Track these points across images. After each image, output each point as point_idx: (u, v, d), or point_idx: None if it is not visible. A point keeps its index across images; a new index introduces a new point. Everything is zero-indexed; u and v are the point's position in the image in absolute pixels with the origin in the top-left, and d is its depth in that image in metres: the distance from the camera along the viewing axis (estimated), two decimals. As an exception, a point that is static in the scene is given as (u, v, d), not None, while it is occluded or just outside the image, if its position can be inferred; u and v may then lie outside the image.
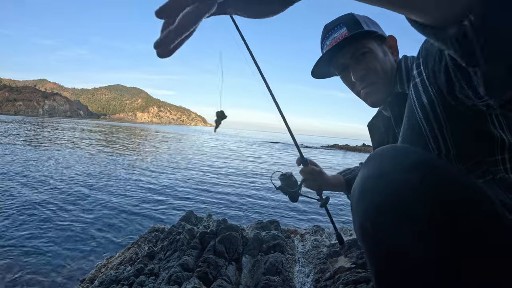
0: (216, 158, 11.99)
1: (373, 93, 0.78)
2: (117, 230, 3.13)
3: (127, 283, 1.60)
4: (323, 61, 0.81)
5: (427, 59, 0.55)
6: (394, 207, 0.40)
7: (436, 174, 0.42)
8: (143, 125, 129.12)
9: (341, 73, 0.84)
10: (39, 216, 3.34)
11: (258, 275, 1.68)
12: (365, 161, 0.51)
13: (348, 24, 0.77)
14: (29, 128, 22.77)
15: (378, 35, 0.77)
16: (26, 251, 2.46)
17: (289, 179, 1.08)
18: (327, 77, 0.90)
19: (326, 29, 0.82)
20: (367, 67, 0.75)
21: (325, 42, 0.81)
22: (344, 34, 0.76)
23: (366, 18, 0.80)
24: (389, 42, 0.80)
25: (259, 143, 29.70)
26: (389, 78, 0.75)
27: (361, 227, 0.44)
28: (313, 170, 1.04)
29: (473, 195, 0.40)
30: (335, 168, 11.77)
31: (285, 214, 4.17)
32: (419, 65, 0.59)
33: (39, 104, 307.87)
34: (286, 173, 1.10)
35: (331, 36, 0.79)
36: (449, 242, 0.37)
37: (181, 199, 4.77)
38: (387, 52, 0.78)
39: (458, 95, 0.45)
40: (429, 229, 0.38)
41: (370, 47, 0.76)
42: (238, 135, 63.77)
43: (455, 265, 0.37)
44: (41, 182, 5.03)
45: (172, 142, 21.07)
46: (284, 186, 1.08)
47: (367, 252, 0.45)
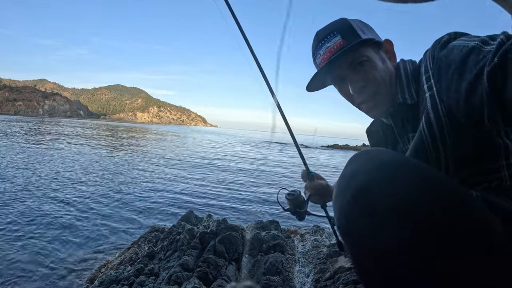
0: (216, 158, 11.99)
1: (375, 107, 0.73)
2: (117, 230, 3.13)
3: (127, 283, 1.60)
4: (318, 75, 0.75)
5: (440, 74, 0.55)
6: (363, 206, 0.44)
7: (401, 173, 0.43)
8: (143, 125, 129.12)
9: (337, 85, 0.78)
10: (39, 216, 3.34)
11: (258, 275, 1.68)
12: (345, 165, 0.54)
13: (342, 31, 0.72)
14: (29, 127, 22.79)
15: (375, 42, 0.73)
16: (26, 251, 2.46)
17: (297, 199, 1.01)
18: (321, 89, 0.84)
19: (318, 37, 0.76)
20: (366, 77, 0.70)
21: (318, 52, 0.75)
22: (339, 43, 0.71)
23: (360, 23, 0.75)
24: (386, 47, 0.75)
25: (257, 143, 29.71)
26: (389, 88, 0.71)
27: (338, 224, 0.48)
28: (320, 185, 0.99)
29: (439, 193, 0.41)
30: (335, 168, 11.78)
31: (285, 214, 4.18)
32: (429, 78, 0.58)
33: (39, 104, 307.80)
34: (294, 193, 1.02)
35: (324, 45, 0.73)
36: (410, 239, 0.39)
37: (181, 199, 4.77)
38: (385, 59, 0.73)
39: (485, 118, 0.46)
40: (391, 225, 0.40)
41: (368, 56, 0.71)
42: (237, 135, 63.78)
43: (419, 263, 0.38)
44: (40, 182, 5.04)
45: (172, 142, 21.09)
46: (292, 206, 1.02)
47: (347, 246, 0.48)
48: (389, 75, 0.72)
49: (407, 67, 0.71)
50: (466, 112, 0.49)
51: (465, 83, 0.48)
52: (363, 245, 0.44)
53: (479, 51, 0.47)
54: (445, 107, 0.54)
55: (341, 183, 0.49)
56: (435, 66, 0.57)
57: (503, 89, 0.41)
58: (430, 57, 0.60)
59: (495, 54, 0.42)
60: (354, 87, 0.72)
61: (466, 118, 0.51)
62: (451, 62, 0.52)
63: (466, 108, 0.49)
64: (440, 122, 0.55)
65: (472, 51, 0.49)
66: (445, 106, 0.54)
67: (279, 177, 7.96)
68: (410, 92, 0.67)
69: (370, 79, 0.70)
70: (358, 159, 0.51)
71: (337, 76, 0.75)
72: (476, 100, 0.46)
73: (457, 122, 0.53)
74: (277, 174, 8.59)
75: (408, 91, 0.67)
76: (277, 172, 8.93)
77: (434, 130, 0.56)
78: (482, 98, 0.45)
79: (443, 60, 0.55)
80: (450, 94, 0.52)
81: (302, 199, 1.01)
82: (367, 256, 0.44)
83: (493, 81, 0.42)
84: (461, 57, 0.50)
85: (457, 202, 0.41)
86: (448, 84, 0.52)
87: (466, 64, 0.49)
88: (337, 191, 0.50)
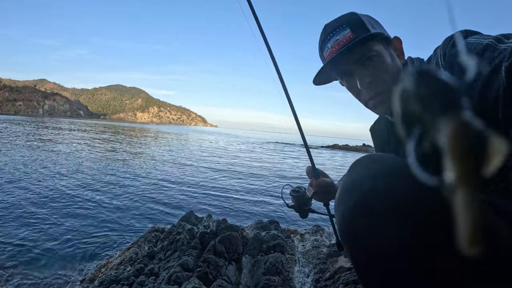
0: (216, 158, 11.99)
1: (382, 103, 0.72)
2: (117, 230, 3.13)
3: (127, 283, 1.60)
4: (326, 68, 0.74)
5: (453, 70, 0.54)
6: (363, 214, 0.44)
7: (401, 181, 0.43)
8: (143, 125, 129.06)
9: (344, 79, 0.77)
10: (39, 216, 3.34)
11: (258, 275, 1.68)
12: (348, 169, 0.54)
13: (352, 24, 0.70)
14: (27, 130, 22.80)
15: (384, 37, 0.72)
16: (26, 251, 2.45)
17: (302, 196, 0.99)
18: (327, 83, 0.83)
19: (326, 30, 0.74)
20: (375, 73, 0.69)
21: (326, 45, 0.74)
22: (348, 36, 0.70)
23: (369, 18, 0.74)
24: (395, 44, 0.74)
25: (258, 143, 29.71)
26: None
27: (340, 231, 0.49)
28: (326, 183, 0.97)
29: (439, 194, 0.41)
30: (335, 168, 11.78)
31: (285, 214, 4.17)
32: None
33: (39, 104, 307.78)
34: (298, 190, 1.01)
35: (332, 38, 0.72)
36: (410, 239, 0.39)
37: (181, 199, 4.77)
38: (394, 56, 0.72)
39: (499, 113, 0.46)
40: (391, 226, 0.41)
41: (377, 50, 0.69)
42: (237, 135, 63.81)
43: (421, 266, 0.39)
44: (40, 182, 5.04)
45: (172, 142, 21.09)
46: (296, 203, 1.00)
47: (347, 252, 0.49)
48: (397, 72, 0.70)
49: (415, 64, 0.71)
50: (480, 109, 0.49)
51: (480, 79, 0.48)
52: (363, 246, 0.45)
53: (494, 48, 0.48)
54: None
55: (341, 192, 0.49)
56: (446, 63, 0.57)
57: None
58: (441, 54, 0.59)
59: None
60: (362, 82, 0.70)
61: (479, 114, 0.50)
62: None
63: (480, 105, 0.49)
64: None
65: (487, 48, 0.49)
66: None
67: (279, 177, 7.96)
68: None
69: (379, 75, 0.69)
70: (358, 167, 0.51)
71: (345, 71, 0.74)
72: (490, 96, 0.46)
73: None
74: (278, 174, 8.59)
75: None
76: (278, 172, 8.93)
77: None
78: (497, 94, 0.45)
79: (455, 56, 0.55)
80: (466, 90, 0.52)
81: (306, 196, 1.00)
82: (367, 256, 0.44)
83: (511, 76, 0.42)
84: (475, 54, 0.50)
85: None
86: None
87: (480, 61, 0.49)
88: (337, 199, 0.50)
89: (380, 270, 0.43)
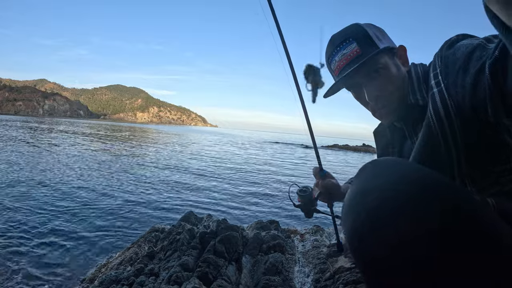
0: (216, 158, 11.99)
1: (389, 114, 0.74)
2: (117, 230, 3.13)
3: (127, 283, 1.60)
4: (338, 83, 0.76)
5: (447, 71, 0.56)
6: (374, 226, 0.42)
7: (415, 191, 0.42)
8: (143, 125, 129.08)
9: (353, 91, 0.80)
10: (39, 216, 3.34)
11: (258, 275, 1.68)
12: (356, 174, 0.52)
13: (358, 38, 0.73)
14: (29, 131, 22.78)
15: (390, 49, 0.73)
16: (26, 251, 2.46)
17: (308, 196, 1.00)
18: (336, 93, 0.84)
19: (333, 43, 0.77)
20: (381, 87, 0.72)
21: (334, 58, 0.76)
22: (355, 50, 0.72)
23: (374, 28, 0.76)
24: (399, 53, 0.76)
25: (257, 143, 29.71)
26: (402, 93, 0.72)
27: (349, 241, 0.47)
28: (332, 184, 0.98)
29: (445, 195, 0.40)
30: (335, 168, 11.78)
31: (285, 214, 4.17)
32: (437, 75, 0.59)
33: (39, 104, 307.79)
34: (305, 189, 1.02)
35: (340, 52, 0.74)
36: (428, 265, 0.37)
37: (181, 199, 4.77)
38: (399, 65, 0.74)
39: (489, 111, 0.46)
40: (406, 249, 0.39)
41: (383, 63, 0.71)
42: (237, 135, 63.79)
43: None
44: (39, 182, 5.04)
45: (173, 142, 21.09)
46: (303, 203, 1.01)
47: (356, 263, 0.47)
48: (402, 80, 0.73)
49: (418, 70, 0.72)
50: (473, 107, 0.50)
51: (469, 78, 0.49)
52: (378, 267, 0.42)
53: (483, 48, 0.49)
54: (453, 102, 0.54)
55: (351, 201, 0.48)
56: (442, 64, 0.58)
57: (504, 82, 0.41)
58: (438, 57, 0.61)
59: (496, 48, 0.43)
60: (370, 96, 0.73)
61: (473, 113, 0.51)
62: (457, 59, 0.54)
63: (472, 103, 0.49)
64: (449, 115, 0.55)
65: (476, 47, 0.50)
66: (453, 101, 0.54)
67: (280, 177, 7.96)
68: (422, 93, 0.68)
69: (386, 88, 0.72)
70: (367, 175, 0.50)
71: (353, 83, 0.77)
72: (480, 94, 0.46)
73: (465, 117, 0.53)
74: (278, 174, 8.59)
75: (419, 93, 0.69)
76: (278, 172, 8.93)
77: (443, 121, 0.56)
78: (485, 92, 0.45)
79: (450, 57, 0.56)
80: (457, 89, 0.52)
81: (313, 196, 1.01)
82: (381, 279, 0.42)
83: (494, 74, 0.42)
84: (466, 54, 0.52)
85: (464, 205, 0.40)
86: (455, 79, 0.53)
87: (470, 60, 0.50)
88: (347, 207, 0.48)
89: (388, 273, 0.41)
